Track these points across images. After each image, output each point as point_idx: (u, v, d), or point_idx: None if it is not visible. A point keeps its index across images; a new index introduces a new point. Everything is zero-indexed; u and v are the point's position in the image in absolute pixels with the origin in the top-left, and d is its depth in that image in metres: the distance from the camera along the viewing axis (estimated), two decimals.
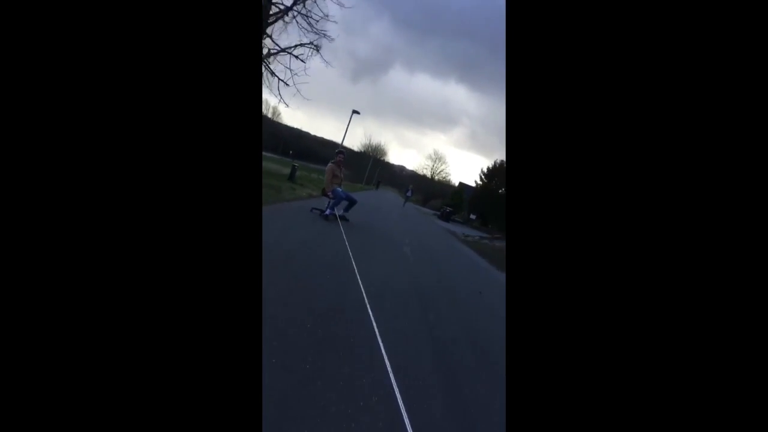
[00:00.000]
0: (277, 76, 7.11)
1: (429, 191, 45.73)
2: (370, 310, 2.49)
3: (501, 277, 6.19)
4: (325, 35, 7.25)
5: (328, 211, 6.06)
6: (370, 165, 50.89)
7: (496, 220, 22.47)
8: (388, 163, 72.48)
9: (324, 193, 6.41)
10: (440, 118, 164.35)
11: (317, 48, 7.34)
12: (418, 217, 15.87)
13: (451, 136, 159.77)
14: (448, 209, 22.37)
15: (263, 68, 6.95)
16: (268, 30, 6.77)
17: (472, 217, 23.78)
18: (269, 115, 49.63)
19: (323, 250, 3.83)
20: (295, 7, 6.82)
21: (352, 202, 6.45)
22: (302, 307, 2.27)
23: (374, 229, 6.85)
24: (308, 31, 7.12)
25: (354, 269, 3.35)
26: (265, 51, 6.93)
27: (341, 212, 6.34)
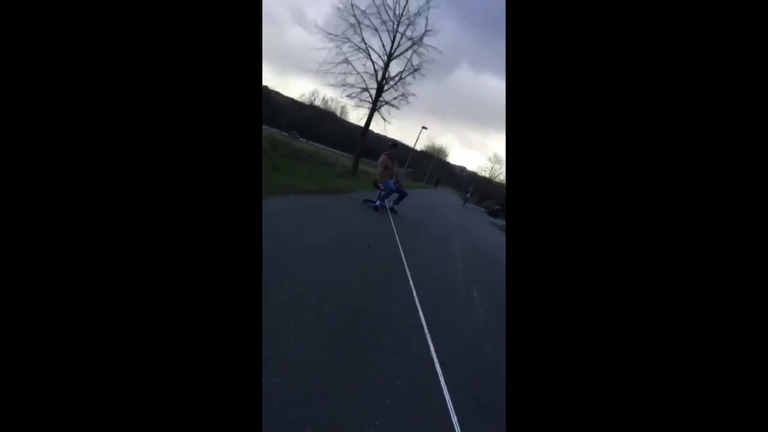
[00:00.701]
0: (386, 120, 11.55)
1: (486, 192, 45.32)
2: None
3: None
4: (410, 92, 11.45)
5: (378, 203, 5.87)
6: (432, 165, 50.84)
7: None
8: (448, 164, 71.49)
9: (375, 185, 6.24)
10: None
11: (406, 97, 11.46)
12: (471, 213, 19.34)
13: None
14: (497, 207, 26.42)
15: (378, 113, 11.39)
16: (384, 95, 11.31)
17: None
18: (338, 114, 52.20)
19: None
20: (400, 81, 11.30)
21: (402, 195, 6.24)
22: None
23: (424, 220, 6.85)
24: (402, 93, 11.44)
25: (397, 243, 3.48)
26: (379, 103, 11.33)
27: (391, 204, 6.13)
